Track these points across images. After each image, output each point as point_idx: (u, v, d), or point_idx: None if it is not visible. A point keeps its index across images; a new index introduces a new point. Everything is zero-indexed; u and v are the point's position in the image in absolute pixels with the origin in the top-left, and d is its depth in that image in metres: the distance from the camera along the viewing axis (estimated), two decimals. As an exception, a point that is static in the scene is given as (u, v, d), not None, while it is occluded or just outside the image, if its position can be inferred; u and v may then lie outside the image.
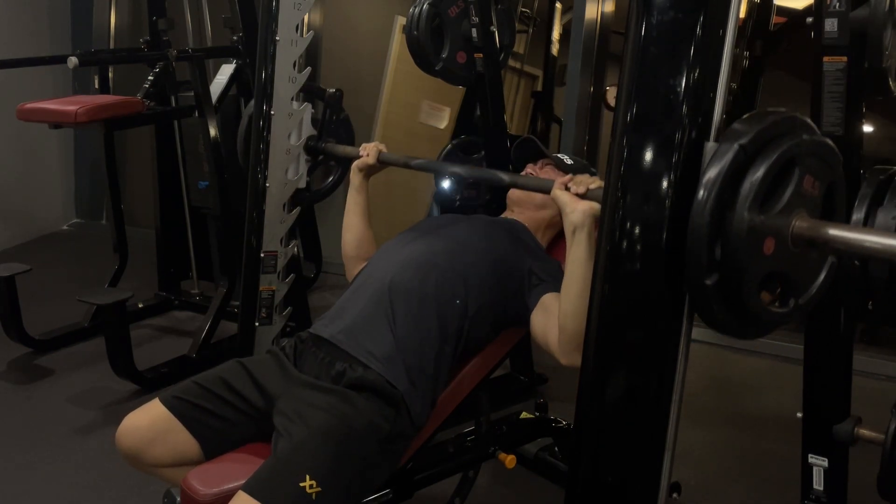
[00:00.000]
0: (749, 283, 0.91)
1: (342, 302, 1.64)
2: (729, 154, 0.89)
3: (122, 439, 1.47)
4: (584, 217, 1.42)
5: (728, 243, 0.90)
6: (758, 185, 0.89)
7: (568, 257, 1.45)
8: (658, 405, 1.00)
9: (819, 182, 0.96)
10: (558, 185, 1.48)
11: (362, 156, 1.95)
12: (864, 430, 1.61)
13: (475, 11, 2.39)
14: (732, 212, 0.89)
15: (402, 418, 1.47)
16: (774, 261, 0.93)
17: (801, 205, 0.94)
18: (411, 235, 1.74)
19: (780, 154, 0.90)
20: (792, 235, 0.93)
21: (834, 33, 1.46)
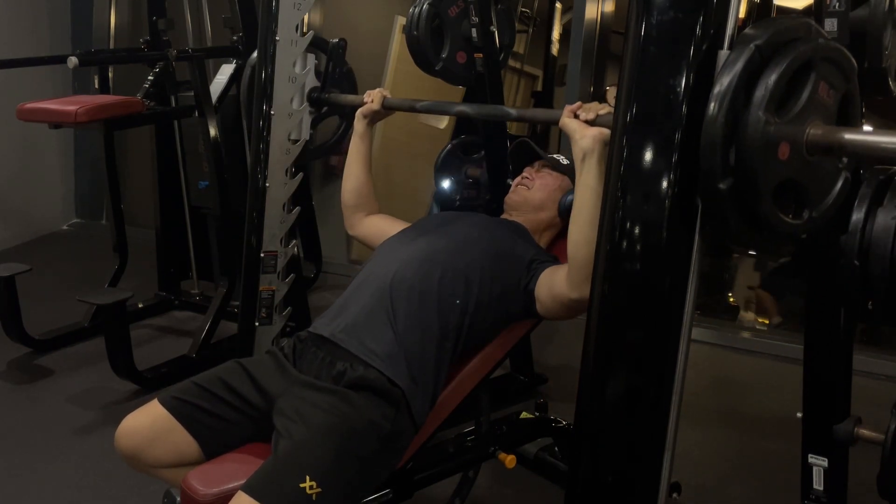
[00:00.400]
0: (763, 188, 0.89)
1: (343, 300, 1.64)
2: (744, 56, 0.88)
3: (122, 440, 1.47)
4: (594, 142, 1.41)
5: (742, 147, 0.88)
6: (773, 87, 0.87)
7: (578, 183, 1.44)
8: (658, 405, 1.00)
9: (834, 91, 0.94)
10: (567, 113, 1.47)
11: (366, 102, 1.95)
12: (864, 430, 1.61)
13: (475, 11, 2.38)
14: (747, 115, 0.87)
15: (402, 417, 1.46)
16: (789, 167, 0.91)
17: (816, 112, 0.92)
18: (412, 233, 1.74)
19: (796, 56, 0.88)
20: (807, 142, 0.92)
21: (834, 33, 1.46)
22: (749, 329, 3.67)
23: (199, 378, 1.52)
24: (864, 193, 1.36)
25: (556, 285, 1.55)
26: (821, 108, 0.93)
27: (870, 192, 1.36)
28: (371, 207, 1.96)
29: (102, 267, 3.39)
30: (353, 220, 1.95)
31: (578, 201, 1.44)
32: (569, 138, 1.50)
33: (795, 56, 0.88)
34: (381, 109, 1.93)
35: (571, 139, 1.45)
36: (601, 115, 1.43)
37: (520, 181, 1.85)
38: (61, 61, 2.76)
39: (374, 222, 1.95)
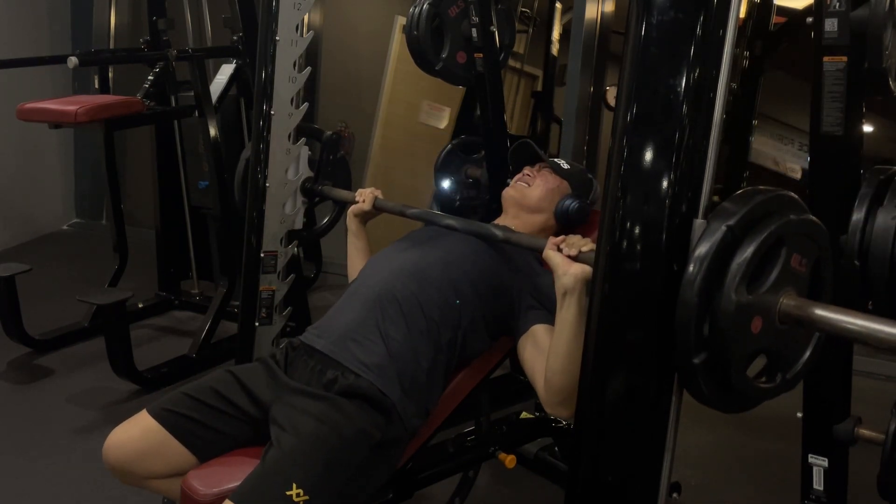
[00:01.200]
0: (736, 361, 0.93)
1: (334, 311, 1.63)
2: (717, 235, 0.91)
3: (111, 453, 1.46)
4: (576, 281, 1.41)
5: (716, 323, 0.91)
6: (745, 266, 0.90)
7: (558, 318, 1.44)
8: (658, 405, 1.00)
9: (806, 259, 0.97)
10: (550, 246, 1.46)
11: (358, 201, 1.95)
12: (864, 430, 1.61)
13: (475, 11, 2.39)
14: (720, 292, 0.90)
15: (393, 425, 1.46)
16: (762, 339, 0.94)
17: (789, 282, 0.95)
18: (404, 245, 1.73)
19: (768, 235, 0.91)
20: (779, 314, 0.95)
21: (834, 33, 1.46)
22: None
23: (190, 389, 1.51)
24: (864, 193, 1.36)
25: (536, 380, 1.53)
26: (793, 278, 0.96)
27: (870, 192, 1.36)
28: None
29: (102, 267, 3.39)
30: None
31: (557, 334, 1.45)
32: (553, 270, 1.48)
33: (768, 234, 0.91)
34: (372, 210, 1.93)
35: (554, 273, 1.45)
36: (583, 252, 1.42)
37: (520, 178, 1.85)
38: (61, 61, 2.76)
39: None
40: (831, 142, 1.52)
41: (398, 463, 1.52)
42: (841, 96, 1.49)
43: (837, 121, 1.50)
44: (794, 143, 4.22)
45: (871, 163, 1.47)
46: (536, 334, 1.57)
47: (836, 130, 1.51)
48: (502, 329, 1.64)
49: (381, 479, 1.48)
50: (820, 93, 1.51)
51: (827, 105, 1.51)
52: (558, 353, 1.44)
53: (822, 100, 1.51)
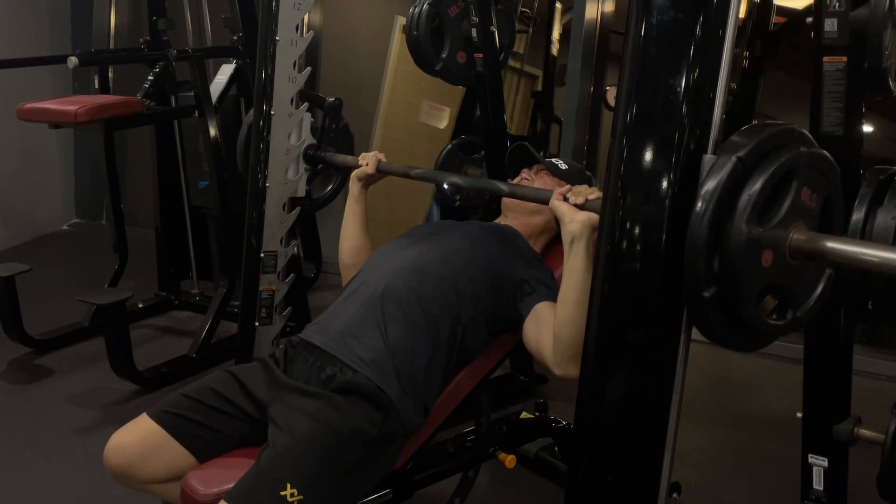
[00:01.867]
0: (747, 295, 0.92)
1: (334, 308, 1.63)
2: (727, 166, 0.90)
3: (112, 458, 1.46)
4: (583, 227, 1.42)
5: (726, 256, 0.90)
6: (755, 198, 0.89)
7: (565, 265, 1.45)
8: (658, 405, 1.00)
9: (816, 194, 0.97)
10: (556, 196, 1.47)
11: (361, 165, 1.95)
12: (864, 430, 1.61)
13: (475, 11, 2.39)
14: (730, 224, 0.90)
15: (391, 422, 1.46)
16: (772, 273, 0.93)
17: (799, 217, 0.94)
18: (404, 242, 1.73)
19: (778, 166, 0.91)
20: (790, 248, 0.94)
21: (834, 33, 1.46)
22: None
23: (189, 390, 1.52)
24: (864, 193, 1.36)
25: (542, 348, 1.52)
26: (803, 212, 0.95)
27: (870, 192, 1.36)
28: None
29: (102, 267, 3.39)
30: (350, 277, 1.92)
31: (566, 283, 1.45)
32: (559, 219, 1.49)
33: (778, 166, 0.90)
34: (375, 173, 1.93)
35: (561, 222, 1.46)
36: (590, 200, 1.43)
37: (518, 181, 1.85)
38: (61, 61, 2.76)
39: None
40: (831, 142, 1.52)
41: (395, 461, 1.52)
42: (841, 96, 1.49)
43: (837, 121, 1.51)
44: (794, 143, 4.21)
45: (871, 163, 1.47)
46: (539, 311, 1.57)
47: (836, 130, 1.51)
48: (502, 324, 1.64)
49: (377, 476, 1.49)
50: (820, 93, 1.51)
51: (827, 105, 1.51)
52: (567, 302, 1.43)
53: (822, 100, 1.51)
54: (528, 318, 1.59)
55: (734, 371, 3.11)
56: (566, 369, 1.46)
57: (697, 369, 2.97)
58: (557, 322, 1.46)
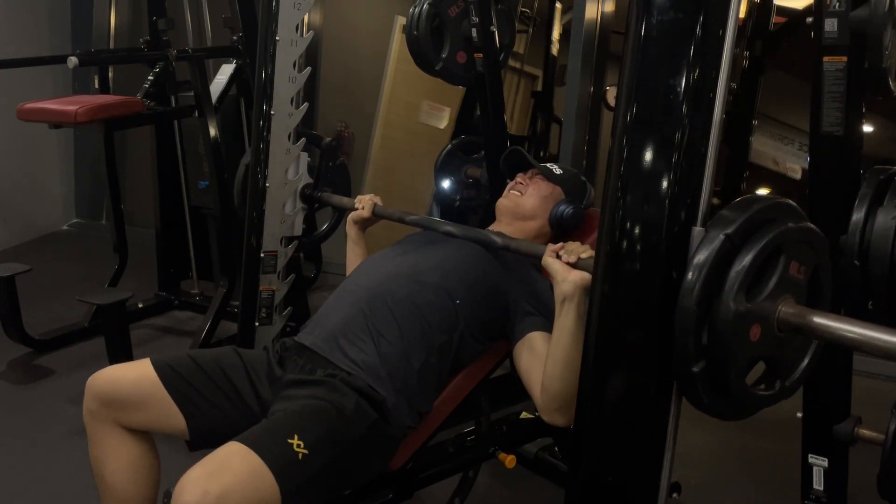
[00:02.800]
0: (735, 369, 0.93)
1: (324, 310, 1.63)
2: (715, 243, 0.91)
3: (100, 385, 1.45)
4: (575, 288, 1.41)
5: (715, 331, 0.91)
6: (743, 274, 0.90)
7: (556, 323, 1.44)
8: (658, 405, 1.00)
9: (805, 267, 0.97)
10: (549, 253, 1.47)
11: (357, 208, 1.95)
12: (864, 430, 1.61)
13: (475, 11, 2.39)
14: (719, 300, 0.90)
15: (385, 420, 1.46)
16: (760, 346, 0.95)
17: (787, 290, 0.95)
18: (401, 249, 1.73)
19: (766, 243, 0.91)
20: (778, 321, 0.95)
21: (834, 33, 1.46)
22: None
23: (197, 356, 1.52)
24: (864, 193, 1.36)
25: (532, 387, 1.52)
26: (792, 286, 0.96)
27: (870, 192, 1.36)
28: None
29: (102, 267, 3.39)
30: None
31: (555, 340, 1.45)
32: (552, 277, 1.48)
33: (766, 243, 0.91)
34: (371, 217, 1.93)
35: (553, 281, 1.45)
36: (582, 259, 1.42)
37: (512, 186, 1.85)
38: (61, 61, 2.76)
39: None
40: (831, 142, 1.52)
41: (388, 463, 1.52)
42: (841, 96, 1.49)
43: (837, 121, 1.51)
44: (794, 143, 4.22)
45: (871, 163, 1.47)
46: (533, 341, 1.57)
47: (836, 130, 1.51)
48: (498, 334, 1.64)
49: (373, 467, 1.49)
50: (820, 93, 1.51)
51: (827, 105, 1.51)
52: (556, 359, 1.44)
53: (822, 100, 1.51)
54: (522, 343, 1.58)
55: (734, 371, 3.11)
56: (553, 418, 1.47)
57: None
58: (546, 375, 1.46)
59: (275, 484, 1.25)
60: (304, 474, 1.30)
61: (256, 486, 1.23)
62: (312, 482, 1.32)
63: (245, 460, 1.24)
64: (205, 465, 1.23)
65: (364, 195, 1.98)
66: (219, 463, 1.23)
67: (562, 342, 1.43)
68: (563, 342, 1.42)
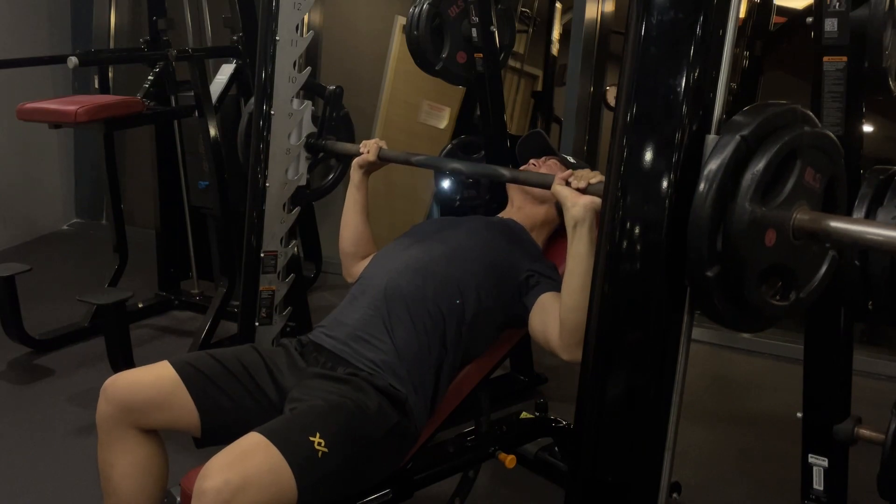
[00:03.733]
0: (750, 274, 0.91)
1: (340, 310, 1.64)
2: (730, 146, 0.89)
3: (117, 389, 1.44)
4: (586, 211, 1.42)
5: (729, 235, 0.89)
6: (759, 177, 0.89)
7: (569, 251, 1.45)
8: (658, 405, 1.00)
9: (820, 175, 0.96)
10: (558, 181, 1.47)
11: (363, 153, 1.95)
12: (864, 430, 1.61)
13: (475, 11, 2.39)
14: (734, 203, 0.89)
15: (406, 419, 1.47)
16: (776, 253, 0.93)
17: (803, 197, 0.94)
18: (408, 241, 1.73)
19: (782, 146, 0.90)
20: (793, 228, 0.93)
21: (834, 33, 1.46)
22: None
23: (217, 353, 1.52)
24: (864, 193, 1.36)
25: (549, 336, 1.53)
26: (807, 192, 0.95)
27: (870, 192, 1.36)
28: (369, 251, 1.92)
29: (102, 267, 3.39)
30: (351, 268, 1.91)
31: (570, 269, 1.45)
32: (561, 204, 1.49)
33: (781, 146, 0.90)
34: (376, 160, 1.93)
35: (563, 206, 1.46)
36: (592, 184, 1.43)
37: (526, 167, 1.85)
38: (61, 61, 2.76)
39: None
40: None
41: (404, 459, 1.52)
42: (841, 96, 1.49)
43: (837, 121, 1.51)
44: (794, 143, 4.20)
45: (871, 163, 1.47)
46: (544, 301, 1.58)
47: (836, 130, 1.51)
48: (507, 321, 1.64)
49: (388, 467, 1.49)
50: (820, 93, 1.51)
51: (827, 105, 1.51)
52: (573, 288, 1.43)
53: (822, 100, 1.51)
54: (534, 309, 1.59)
55: (734, 371, 3.11)
56: (573, 354, 1.46)
57: (697, 369, 2.97)
58: (563, 308, 1.46)
59: (293, 480, 1.25)
60: (322, 471, 1.30)
61: (275, 480, 1.24)
62: (329, 479, 1.32)
63: (266, 454, 1.25)
64: (227, 454, 1.24)
65: (369, 140, 1.98)
66: (241, 453, 1.25)
67: (577, 269, 1.42)
68: (579, 269, 1.42)
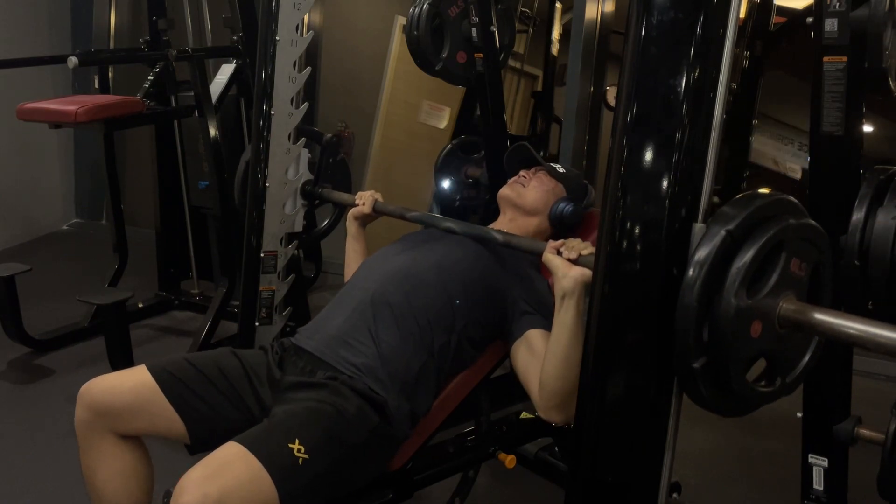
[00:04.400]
0: (736, 365, 0.93)
1: (325, 312, 1.63)
2: (716, 239, 0.91)
3: (94, 395, 1.43)
4: (576, 285, 1.41)
5: (716, 327, 0.91)
6: (744, 270, 0.90)
7: (556, 318, 1.44)
8: (658, 405, 1.00)
9: (805, 263, 0.97)
10: (550, 250, 1.46)
11: (357, 204, 1.95)
12: (864, 430, 1.61)
13: (475, 11, 2.39)
14: (720, 296, 0.90)
15: (386, 423, 1.46)
16: (761, 343, 0.94)
17: (788, 287, 0.95)
18: (399, 248, 1.73)
19: (767, 239, 0.91)
20: (779, 318, 0.95)
21: (834, 33, 1.46)
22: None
23: (194, 359, 1.51)
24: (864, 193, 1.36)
25: (530, 385, 1.52)
26: (793, 282, 0.96)
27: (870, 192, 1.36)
28: None
29: (102, 267, 3.39)
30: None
31: (554, 337, 1.44)
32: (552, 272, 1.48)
33: (767, 239, 0.91)
34: (371, 213, 1.93)
35: (554, 276, 1.45)
36: (583, 256, 1.42)
37: (516, 179, 1.85)
38: (61, 61, 2.76)
39: None
40: (831, 142, 1.52)
41: (388, 464, 1.52)
42: (841, 96, 1.49)
43: (837, 121, 1.51)
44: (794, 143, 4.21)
45: (871, 163, 1.47)
46: (531, 339, 1.56)
47: (836, 130, 1.51)
48: (496, 334, 1.63)
49: (373, 470, 1.49)
50: (820, 93, 1.51)
51: (827, 105, 1.51)
52: (555, 356, 1.43)
53: (822, 100, 1.51)
54: (520, 341, 1.58)
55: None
56: (549, 415, 1.47)
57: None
58: (545, 372, 1.46)
59: (274, 488, 1.25)
60: (304, 478, 1.30)
61: (255, 490, 1.23)
62: (311, 486, 1.32)
63: (245, 463, 1.24)
64: (204, 467, 1.23)
65: (364, 191, 1.98)
66: (218, 465, 1.23)
67: (561, 339, 1.42)
68: (563, 339, 1.42)
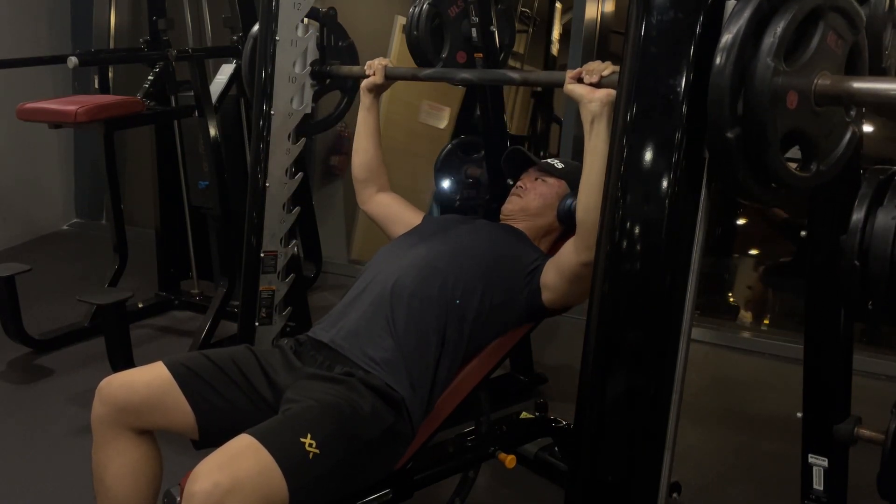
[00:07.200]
0: (771, 137, 0.89)
1: (342, 306, 1.63)
2: (752, 4, 0.87)
3: (112, 389, 1.44)
4: (602, 106, 1.42)
5: (750, 96, 0.87)
6: (781, 35, 0.86)
7: (587, 147, 1.45)
8: (658, 405, 1.00)
9: (842, 41, 0.93)
10: (569, 79, 1.46)
11: (368, 74, 1.95)
12: (864, 430, 1.61)
13: (475, 11, 2.38)
14: (755, 64, 0.87)
15: (401, 421, 1.47)
16: (797, 117, 0.90)
17: (825, 61, 0.91)
18: (412, 239, 1.73)
19: (804, 4, 0.88)
20: (815, 92, 0.91)
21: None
22: (749, 329, 3.67)
23: (210, 353, 1.52)
24: (864, 193, 1.36)
25: (563, 260, 1.56)
26: (829, 57, 0.92)
27: (870, 192, 1.36)
28: (381, 182, 1.96)
29: (102, 267, 3.39)
30: (364, 195, 1.96)
31: (587, 166, 1.45)
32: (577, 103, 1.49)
33: (804, 4, 0.88)
34: (384, 81, 1.93)
35: (579, 104, 1.45)
36: (605, 77, 1.42)
37: (514, 191, 1.85)
38: (61, 61, 2.76)
39: (385, 202, 1.97)
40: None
41: (399, 461, 1.52)
42: (841, 95, 1.49)
43: (837, 120, 1.50)
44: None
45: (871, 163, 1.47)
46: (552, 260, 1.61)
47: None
48: (513, 316, 1.64)
49: (382, 469, 1.49)
50: (820, 92, 1.51)
51: (827, 104, 1.51)
52: (591, 186, 1.44)
53: (822, 99, 1.51)
54: (545, 272, 1.62)
55: (734, 371, 3.11)
56: (589, 255, 1.44)
57: (697, 369, 2.97)
58: (581, 208, 1.47)
59: (283, 482, 1.25)
60: (314, 473, 1.30)
61: (265, 482, 1.24)
62: (322, 481, 1.32)
63: (257, 456, 1.25)
64: (217, 457, 1.24)
65: (373, 60, 1.96)
66: (231, 456, 1.24)
67: (595, 166, 1.42)
68: (597, 166, 1.42)
